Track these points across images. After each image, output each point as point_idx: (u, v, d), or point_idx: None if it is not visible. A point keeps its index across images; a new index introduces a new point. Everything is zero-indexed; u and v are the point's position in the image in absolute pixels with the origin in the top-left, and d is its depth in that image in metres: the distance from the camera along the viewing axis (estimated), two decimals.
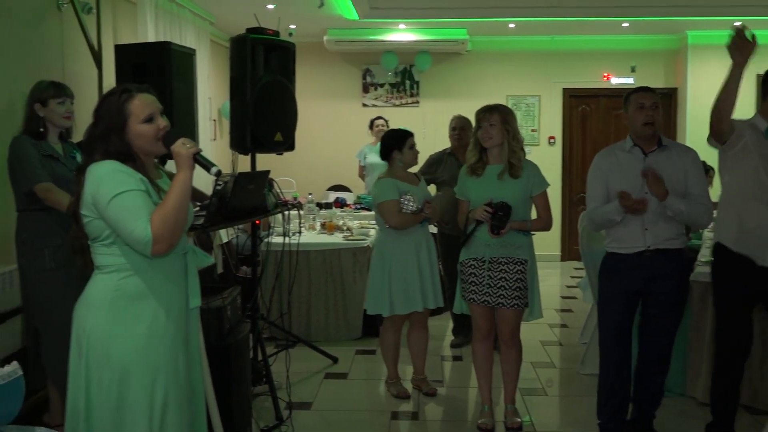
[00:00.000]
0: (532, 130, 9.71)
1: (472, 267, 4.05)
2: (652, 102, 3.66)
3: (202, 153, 2.47)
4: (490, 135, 3.99)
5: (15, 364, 2.05)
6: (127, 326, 2.38)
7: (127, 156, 2.42)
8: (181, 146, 2.40)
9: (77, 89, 5.10)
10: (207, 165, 2.46)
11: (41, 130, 3.71)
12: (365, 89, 9.85)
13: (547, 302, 4.38)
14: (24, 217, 3.69)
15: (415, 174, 4.80)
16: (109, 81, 4.93)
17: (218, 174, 2.48)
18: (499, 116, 4.00)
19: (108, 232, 2.39)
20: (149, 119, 2.44)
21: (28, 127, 3.72)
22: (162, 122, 2.48)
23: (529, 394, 4.77)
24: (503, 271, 4.01)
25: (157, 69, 4.23)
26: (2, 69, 4.27)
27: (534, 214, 4.15)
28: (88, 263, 2.50)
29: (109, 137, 2.41)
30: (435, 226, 4.87)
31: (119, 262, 2.41)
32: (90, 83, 5.14)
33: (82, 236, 2.47)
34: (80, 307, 2.46)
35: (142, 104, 2.44)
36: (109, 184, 2.33)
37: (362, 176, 8.31)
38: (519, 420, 4.21)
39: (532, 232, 4.12)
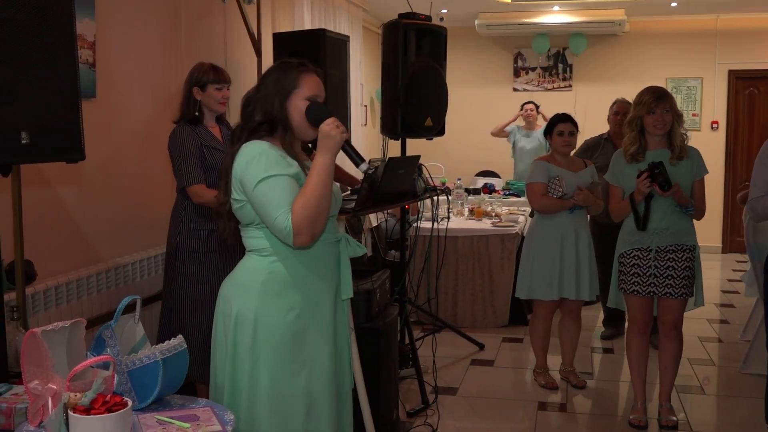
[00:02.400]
0: (693, 115, 9.22)
1: (636, 258, 3.89)
2: None
3: (350, 142, 2.33)
4: (665, 122, 3.81)
5: (180, 337, 2.16)
6: (276, 312, 2.35)
7: (278, 125, 2.36)
8: (333, 127, 2.26)
9: (237, 77, 5.33)
10: (356, 158, 2.30)
11: (197, 114, 3.71)
12: (516, 73, 9.70)
13: (706, 296, 4.14)
14: (183, 196, 3.71)
15: (583, 160, 4.68)
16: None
17: (366, 171, 2.35)
18: (670, 102, 3.82)
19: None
20: (313, 98, 2.38)
21: (184, 111, 3.73)
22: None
23: (685, 391, 4.55)
24: (671, 260, 3.84)
25: (313, 56, 4.33)
26: (173, 59, 4.52)
27: None
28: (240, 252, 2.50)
29: (271, 100, 2.36)
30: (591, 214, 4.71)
31: (272, 246, 2.37)
32: (249, 71, 5.35)
33: (232, 231, 2.48)
34: (229, 286, 2.45)
35: (313, 82, 2.40)
36: (258, 166, 2.28)
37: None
38: (674, 419, 4.02)
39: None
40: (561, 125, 4.52)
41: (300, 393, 2.38)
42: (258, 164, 2.29)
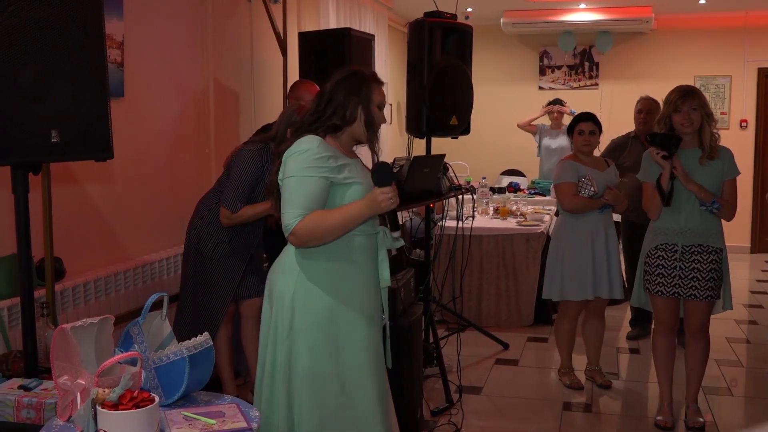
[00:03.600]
0: (722, 113, 9.11)
1: (661, 258, 3.86)
2: None
3: (394, 212, 2.50)
4: (692, 120, 3.77)
5: (206, 334, 2.19)
6: (313, 296, 2.50)
7: (342, 127, 2.54)
8: (386, 198, 2.40)
9: (264, 75, 5.38)
10: (392, 226, 2.49)
11: None
12: (542, 72, 9.64)
13: (735, 297, 4.09)
14: (215, 198, 3.75)
15: (605, 159, 4.64)
16: (293, 67, 5.14)
17: (397, 238, 2.52)
18: (699, 100, 3.78)
19: None
20: (380, 106, 2.60)
21: (269, 142, 3.60)
22: (383, 117, 2.62)
23: (713, 393, 4.50)
24: (696, 261, 3.80)
25: (338, 55, 4.36)
26: (200, 58, 4.56)
27: None
28: None
29: (352, 107, 2.53)
30: (616, 213, 4.68)
31: None
32: (276, 70, 5.38)
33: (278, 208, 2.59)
34: (273, 271, 2.61)
35: (381, 92, 2.61)
36: (298, 162, 2.45)
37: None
38: (702, 420, 3.98)
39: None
40: (581, 125, 4.50)
41: (335, 373, 2.51)
42: (299, 159, 2.45)
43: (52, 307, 3.03)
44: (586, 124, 4.49)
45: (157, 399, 1.80)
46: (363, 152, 2.76)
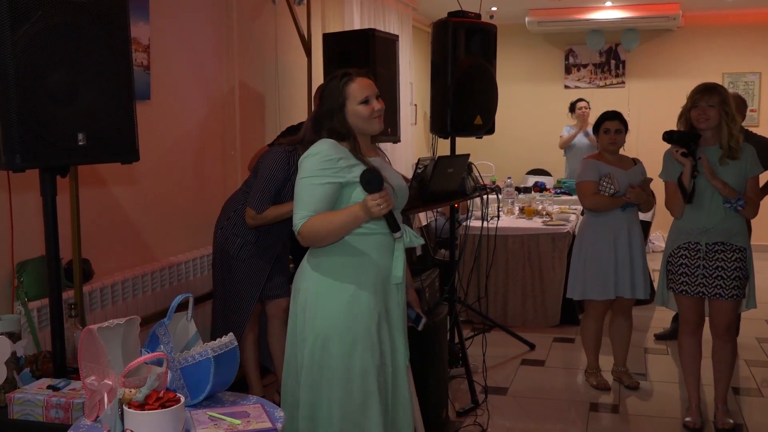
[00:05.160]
0: (751, 111, 8.97)
1: (684, 257, 3.82)
2: None
3: (392, 213, 2.51)
4: (708, 116, 3.73)
5: (231, 335, 2.20)
6: (331, 293, 2.56)
7: (346, 134, 2.61)
8: (374, 204, 2.42)
9: (289, 77, 5.40)
10: (392, 227, 2.52)
11: None
12: (568, 70, 9.58)
13: (763, 296, 4.03)
14: (242, 199, 3.79)
15: (633, 159, 4.60)
16: (318, 69, 5.15)
17: (397, 238, 2.55)
18: (718, 97, 3.73)
19: None
20: (365, 101, 2.62)
21: (296, 145, 3.53)
22: (377, 104, 2.64)
23: (742, 393, 4.44)
24: (720, 260, 3.75)
25: (362, 55, 4.36)
26: (225, 61, 4.58)
27: None
28: None
29: (332, 116, 2.62)
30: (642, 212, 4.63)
31: None
32: (300, 71, 5.40)
33: None
34: (299, 269, 2.69)
35: (359, 87, 2.63)
36: (309, 165, 2.54)
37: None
38: (731, 421, 3.93)
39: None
40: (607, 123, 4.46)
41: (356, 368, 2.55)
42: (310, 162, 2.55)
43: (80, 308, 3.06)
44: (612, 122, 4.45)
45: (182, 399, 1.82)
46: (390, 152, 2.76)
